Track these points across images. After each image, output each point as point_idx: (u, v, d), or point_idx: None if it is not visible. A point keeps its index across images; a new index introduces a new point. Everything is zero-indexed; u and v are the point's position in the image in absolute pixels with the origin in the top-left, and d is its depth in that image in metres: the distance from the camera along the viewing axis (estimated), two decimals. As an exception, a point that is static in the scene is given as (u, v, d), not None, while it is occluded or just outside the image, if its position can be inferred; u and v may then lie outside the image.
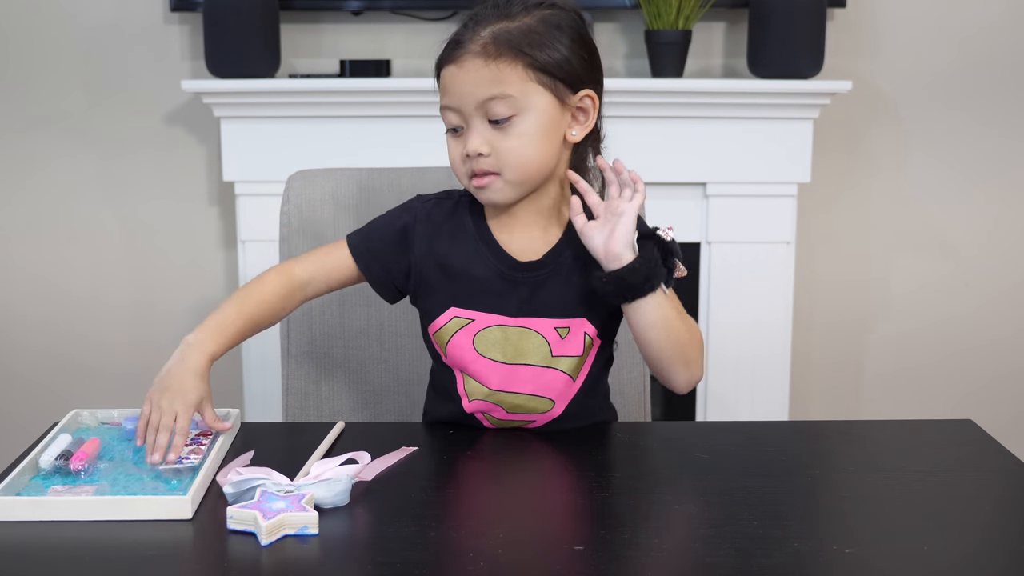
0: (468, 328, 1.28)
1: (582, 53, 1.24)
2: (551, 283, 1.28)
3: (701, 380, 1.32)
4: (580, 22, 1.25)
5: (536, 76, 1.21)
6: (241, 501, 1.04)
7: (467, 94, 1.21)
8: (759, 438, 1.30)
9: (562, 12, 1.24)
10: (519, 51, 1.20)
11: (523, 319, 1.27)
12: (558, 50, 1.22)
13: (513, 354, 1.27)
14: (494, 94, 1.20)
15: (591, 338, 1.29)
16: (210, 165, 2.57)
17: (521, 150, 1.22)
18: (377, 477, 1.13)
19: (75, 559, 0.98)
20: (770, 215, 2.40)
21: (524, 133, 1.22)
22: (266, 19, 2.29)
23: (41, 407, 2.63)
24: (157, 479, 1.12)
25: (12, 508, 1.05)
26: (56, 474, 1.13)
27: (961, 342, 2.67)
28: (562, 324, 1.28)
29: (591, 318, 1.28)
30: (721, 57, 2.52)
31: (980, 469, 1.19)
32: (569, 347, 1.28)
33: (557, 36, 1.22)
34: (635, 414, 1.63)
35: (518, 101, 1.21)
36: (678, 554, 0.97)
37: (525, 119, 1.21)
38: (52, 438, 1.21)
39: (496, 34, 1.20)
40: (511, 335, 1.27)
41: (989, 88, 2.55)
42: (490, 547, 0.99)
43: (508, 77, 1.20)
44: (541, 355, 1.28)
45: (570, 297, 1.28)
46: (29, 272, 2.61)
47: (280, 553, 0.97)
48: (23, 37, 2.50)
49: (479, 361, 1.28)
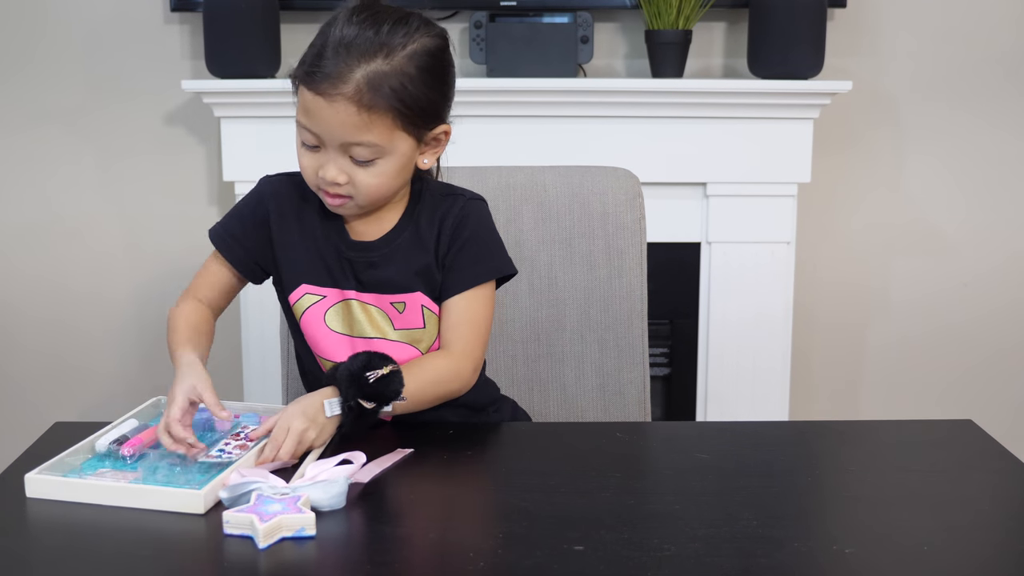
0: (319, 304, 1.33)
1: (444, 90, 1.27)
2: (384, 263, 1.32)
3: (476, 369, 1.34)
4: (445, 48, 1.26)
5: (403, 124, 1.23)
6: (237, 505, 1.04)
7: (333, 132, 1.22)
8: (759, 438, 1.30)
9: (431, 42, 1.24)
10: (391, 102, 1.20)
11: (363, 294, 1.33)
12: (426, 95, 1.23)
13: (358, 328, 1.33)
14: (361, 141, 1.22)
15: (430, 311, 1.33)
16: (210, 165, 2.56)
17: (377, 186, 1.26)
18: (374, 477, 1.13)
19: (68, 545, 0.98)
20: (770, 215, 2.39)
21: (382, 173, 1.25)
22: (266, 19, 2.29)
23: (41, 407, 2.63)
24: (189, 472, 1.13)
25: (38, 486, 1.09)
26: (108, 457, 1.17)
27: (961, 342, 2.67)
28: (398, 299, 1.32)
29: (427, 291, 1.33)
30: (721, 57, 2.52)
31: (980, 469, 1.19)
32: (409, 321, 1.32)
33: (426, 79, 1.23)
34: (635, 414, 1.63)
35: (382, 148, 1.23)
36: (678, 554, 0.97)
37: (385, 161, 1.25)
38: (119, 422, 1.24)
39: (371, 79, 1.19)
40: (354, 309, 1.33)
41: (989, 88, 2.55)
42: (490, 547, 0.98)
43: (377, 127, 1.21)
44: (381, 329, 1.33)
45: (404, 273, 1.32)
46: (29, 271, 2.61)
47: (278, 556, 0.97)
48: (23, 37, 2.50)
49: (330, 336, 1.33)
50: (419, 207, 1.34)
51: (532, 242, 1.62)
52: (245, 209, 1.38)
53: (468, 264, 1.33)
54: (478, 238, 1.34)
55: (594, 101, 2.32)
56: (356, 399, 1.20)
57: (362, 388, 1.20)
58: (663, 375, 2.50)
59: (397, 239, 1.33)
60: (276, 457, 1.16)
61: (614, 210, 1.62)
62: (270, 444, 1.17)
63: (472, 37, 2.36)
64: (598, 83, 2.32)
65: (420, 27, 1.24)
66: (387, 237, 1.33)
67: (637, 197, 1.63)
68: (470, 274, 1.33)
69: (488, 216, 1.37)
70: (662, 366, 2.49)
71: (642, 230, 1.63)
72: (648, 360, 1.64)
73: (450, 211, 1.33)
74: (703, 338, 2.45)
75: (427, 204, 1.34)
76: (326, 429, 1.20)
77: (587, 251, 1.62)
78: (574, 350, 1.64)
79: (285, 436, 1.17)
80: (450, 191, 1.37)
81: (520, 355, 1.63)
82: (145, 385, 2.63)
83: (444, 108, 1.27)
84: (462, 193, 1.36)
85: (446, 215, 1.33)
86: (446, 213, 1.33)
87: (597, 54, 2.46)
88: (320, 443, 1.20)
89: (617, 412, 1.64)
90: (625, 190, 1.63)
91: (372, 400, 1.21)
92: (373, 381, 1.20)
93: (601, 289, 1.63)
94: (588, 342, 1.64)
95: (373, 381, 1.20)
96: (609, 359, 1.64)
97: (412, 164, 1.28)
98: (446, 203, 1.34)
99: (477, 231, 1.34)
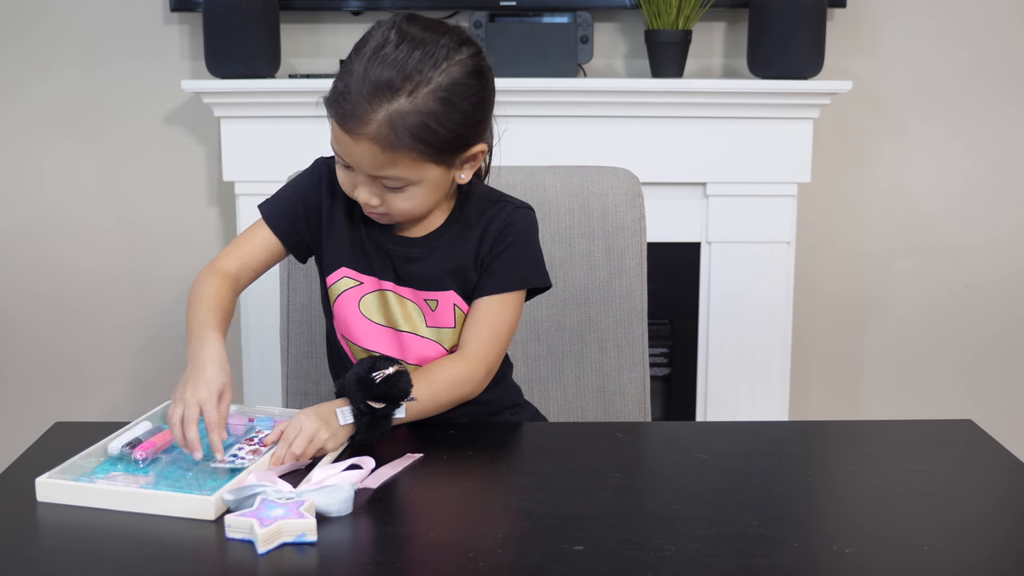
0: (356, 290, 1.34)
1: (476, 117, 1.25)
2: (422, 259, 1.33)
3: (489, 373, 1.34)
4: (476, 71, 1.23)
5: (430, 158, 1.22)
6: (242, 509, 1.04)
7: (361, 165, 1.23)
8: (759, 438, 1.30)
9: (458, 70, 1.21)
10: (415, 142, 1.20)
11: (400, 287, 1.34)
12: (453, 130, 1.21)
13: (392, 319, 1.34)
14: (387, 175, 1.22)
15: (461, 311, 1.34)
16: (210, 165, 2.57)
17: (411, 208, 1.27)
18: (384, 483, 1.12)
19: (71, 549, 0.98)
20: (770, 215, 2.39)
21: (415, 197, 1.26)
22: (266, 19, 2.29)
23: (40, 407, 2.63)
24: (200, 477, 1.12)
25: (49, 490, 1.09)
26: (121, 461, 1.16)
27: (961, 342, 2.67)
28: (431, 296, 1.33)
29: (460, 291, 1.33)
30: (721, 57, 2.52)
31: (980, 469, 1.19)
32: (441, 319, 1.33)
33: (451, 113, 1.21)
34: (635, 414, 1.63)
35: (411, 179, 1.23)
36: (678, 554, 0.97)
37: (416, 188, 1.25)
38: (133, 424, 1.23)
39: (393, 120, 1.18)
40: (391, 301, 1.34)
41: (989, 88, 2.55)
42: (490, 547, 0.98)
43: (403, 163, 1.21)
44: (414, 324, 1.34)
45: (439, 271, 1.33)
46: (28, 272, 2.61)
47: (277, 561, 0.96)
48: (24, 37, 2.50)
49: (361, 321, 1.34)
50: (466, 210, 1.34)
51: (532, 242, 1.62)
52: (300, 188, 1.37)
53: (504, 269, 1.33)
54: (519, 246, 1.34)
55: (594, 101, 2.32)
56: (365, 401, 1.20)
57: (370, 389, 1.20)
58: (663, 375, 2.50)
59: (440, 239, 1.34)
60: (287, 455, 1.15)
61: (614, 210, 1.62)
62: (282, 442, 1.17)
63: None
64: (598, 83, 2.33)
65: (450, 51, 1.21)
66: (431, 236, 1.34)
67: (637, 197, 1.63)
68: (504, 278, 1.33)
69: (533, 226, 1.37)
70: (662, 366, 2.49)
71: (642, 230, 1.63)
72: (648, 360, 1.64)
73: (497, 216, 1.34)
74: (703, 338, 2.45)
75: (475, 208, 1.35)
76: (339, 434, 1.20)
77: (587, 251, 1.62)
78: (574, 350, 1.64)
79: (296, 435, 1.16)
80: (500, 197, 1.37)
81: (520, 355, 1.63)
82: (145, 385, 2.63)
83: (476, 133, 1.26)
84: (511, 201, 1.37)
85: (492, 220, 1.34)
86: (493, 218, 1.34)
87: (597, 54, 2.46)
88: (333, 447, 1.19)
89: (617, 412, 1.64)
90: (625, 190, 1.63)
91: (381, 400, 1.21)
92: (380, 381, 1.20)
93: (601, 289, 1.63)
94: (588, 342, 1.64)
95: (380, 381, 1.20)
96: (609, 359, 1.64)
97: (447, 184, 1.29)
98: (494, 209, 1.35)
99: (519, 239, 1.34)
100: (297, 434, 1.17)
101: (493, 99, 1.28)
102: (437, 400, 1.28)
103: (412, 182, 1.24)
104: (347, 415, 1.20)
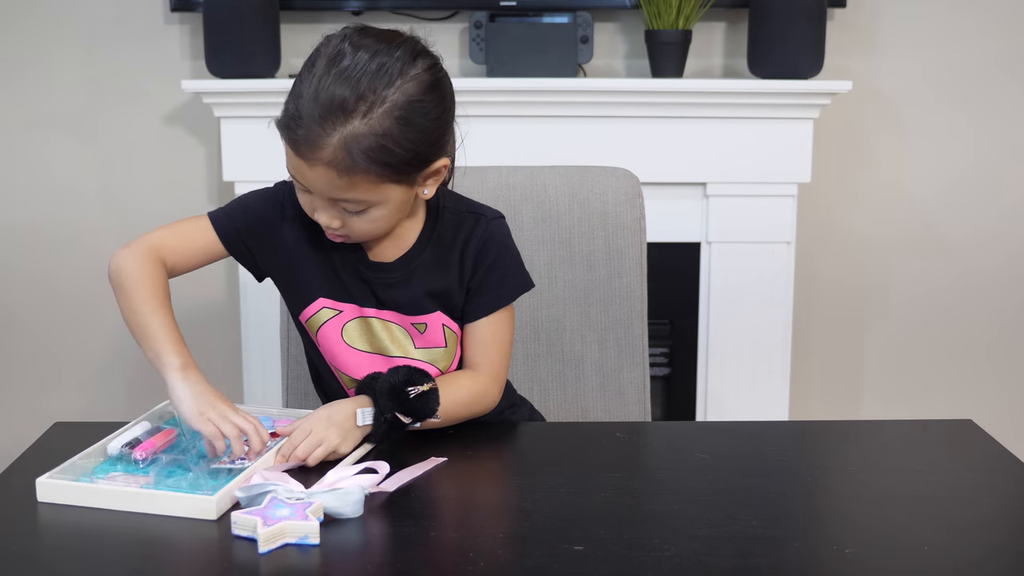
0: (337, 319, 1.32)
1: (434, 134, 1.19)
2: (403, 284, 1.30)
3: (502, 389, 1.35)
4: (432, 84, 1.18)
5: (389, 178, 1.17)
6: (251, 506, 1.04)
7: (318, 189, 1.18)
8: (759, 438, 1.30)
9: (413, 87, 1.15)
10: (372, 164, 1.14)
11: (383, 312, 1.31)
12: (412, 149, 1.16)
13: (380, 345, 1.32)
14: (347, 197, 1.18)
15: (451, 330, 1.32)
16: (210, 165, 2.57)
17: (374, 230, 1.24)
18: (401, 487, 1.12)
19: (71, 548, 0.98)
20: (770, 215, 2.39)
21: (377, 219, 1.22)
22: (266, 19, 2.29)
23: (39, 407, 2.63)
24: (201, 477, 1.12)
25: (49, 490, 1.09)
26: (120, 461, 1.16)
27: (961, 342, 2.67)
28: (418, 320, 1.31)
29: (446, 311, 1.32)
30: (721, 57, 2.52)
31: (980, 469, 1.19)
32: (431, 339, 1.32)
33: (408, 132, 1.15)
34: (635, 414, 1.63)
35: (371, 201, 1.19)
36: (678, 554, 0.97)
37: (378, 209, 1.21)
38: (132, 424, 1.23)
39: (348, 143, 1.13)
40: (375, 327, 1.32)
41: (989, 88, 2.55)
42: (490, 547, 0.98)
43: (361, 186, 1.16)
44: (403, 347, 1.32)
45: (421, 295, 1.30)
46: (29, 271, 2.61)
47: (277, 561, 0.96)
48: (24, 37, 2.50)
49: (347, 352, 1.32)
50: (439, 226, 1.31)
51: (532, 242, 1.62)
52: (253, 204, 1.33)
53: (492, 287, 1.32)
54: (502, 262, 1.33)
55: (594, 101, 2.32)
56: (393, 412, 1.19)
57: (402, 403, 1.19)
58: (663, 375, 2.50)
59: (416, 260, 1.31)
60: (291, 456, 1.15)
61: (614, 210, 1.62)
62: (287, 442, 1.16)
63: (472, 37, 2.36)
64: (598, 83, 2.33)
65: (405, 65, 1.15)
66: (406, 258, 1.30)
67: (637, 197, 1.63)
68: (495, 296, 1.32)
69: (508, 235, 1.35)
70: (662, 366, 2.49)
71: (642, 230, 1.63)
72: (648, 360, 1.64)
73: (473, 233, 1.31)
74: (703, 338, 2.45)
75: (448, 223, 1.32)
76: (351, 436, 1.19)
77: (587, 251, 1.62)
78: (574, 350, 1.64)
79: (304, 437, 1.16)
80: (470, 208, 1.34)
81: (520, 355, 1.63)
82: (145, 385, 2.63)
83: (436, 149, 1.20)
84: (483, 213, 1.34)
85: (469, 238, 1.31)
86: (469, 235, 1.31)
87: (597, 54, 2.46)
88: (344, 450, 1.18)
89: (617, 412, 1.64)
90: (625, 190, 1.63)
91: (409, 415, 1.20)
92: (414, 397, 1.19)
93: (601, 289, 1.63)
94: (588, 342, 1.64)
95: (414, 397, 1.19)
96: (609, 359, 1.64)
97: (410, 201, 1.24)
98: (467, 223, 1.32)
99: (500, 255, 1.33)
100: (305, 436, 1.16)
101: (453, 110, 1.23)
102: (452, 416, 1.27)
103: (373, 203, 1.19)
104: (367, 416, 1.19)
